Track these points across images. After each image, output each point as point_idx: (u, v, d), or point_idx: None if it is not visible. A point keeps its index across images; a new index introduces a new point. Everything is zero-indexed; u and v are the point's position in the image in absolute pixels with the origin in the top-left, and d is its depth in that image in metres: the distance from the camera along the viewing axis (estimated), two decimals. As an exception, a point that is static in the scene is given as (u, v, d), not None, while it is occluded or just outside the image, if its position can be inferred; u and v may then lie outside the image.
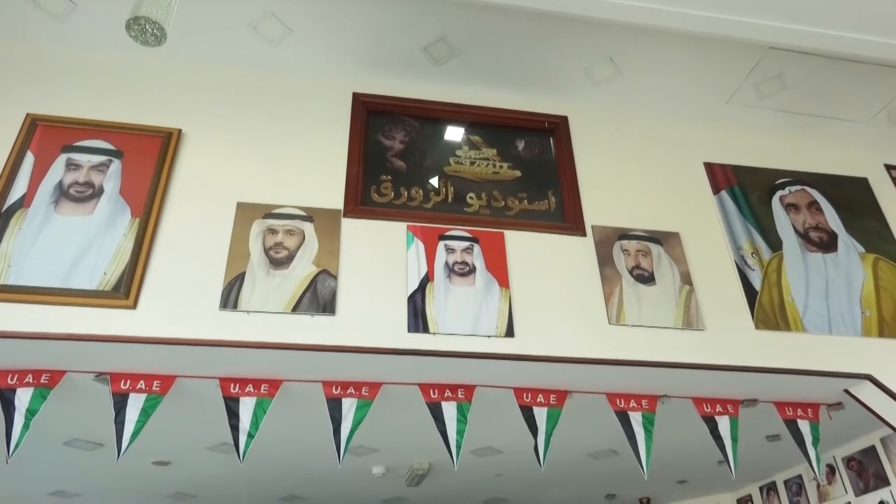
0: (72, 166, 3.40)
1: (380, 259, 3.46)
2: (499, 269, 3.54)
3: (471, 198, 3.85)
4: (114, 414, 3.16)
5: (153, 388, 3.25)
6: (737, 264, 3.86)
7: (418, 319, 3.28)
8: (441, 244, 3.57)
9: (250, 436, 3.25)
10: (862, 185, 4.39)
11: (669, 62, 4.11)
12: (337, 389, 3.43)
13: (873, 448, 4.73)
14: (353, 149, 3.80)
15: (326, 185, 3.64)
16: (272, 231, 3.41)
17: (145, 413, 3.19)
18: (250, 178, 3.57)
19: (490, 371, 3.41)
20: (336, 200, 3.59)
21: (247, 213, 3.44)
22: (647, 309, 3.56)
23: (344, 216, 3.53)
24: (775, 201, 4.18)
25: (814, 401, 3.93)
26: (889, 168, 4.56)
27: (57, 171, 3.37)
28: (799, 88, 4.27)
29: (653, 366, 3.43)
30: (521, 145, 4.17)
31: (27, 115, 3.48)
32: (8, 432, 3.03)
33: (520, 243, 3.67)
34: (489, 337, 3.31)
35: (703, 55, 4.04)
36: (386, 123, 4.05)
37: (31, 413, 3.09)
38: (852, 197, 4.32)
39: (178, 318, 3.06)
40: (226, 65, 3.96)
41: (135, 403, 3.20)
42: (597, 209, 3.89)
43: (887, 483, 4.60)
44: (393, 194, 3.76)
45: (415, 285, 3.39)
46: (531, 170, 4.07)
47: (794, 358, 3.59)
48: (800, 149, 4.51)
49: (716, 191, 4.15)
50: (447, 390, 3.51)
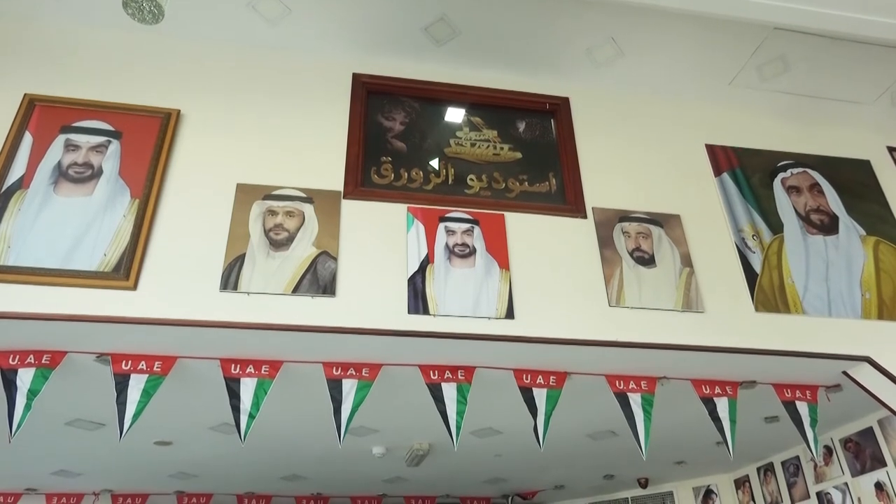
0: (70, 147, 3.38)
1: (380, 241, 3.45)
2: (499, 251, 3.54)
3: (471, 179, 3.84)
4: (115, 394, 3.18)
5: (154, 368, 3.26)
6: (737, 246, 3.85)
7: (418, 301, 3.28)
8: (441, 226, 3.56)
9: (251, 416, 3.27)
10: (864, 168, 4.37)
11: (672, 43, 4.07)
12: (337, 370, 3.45)
13: (870, 430, 4.76)
14: (353, 130, 3.77)
15: (326, 166, 3.62)
16: (272, 212, 3.40)
17: (147, 394, 3.21)
18: (250, 160, 3.55)
19: (490, 352, 3.42)
20: (336, 182, 3.58)
21: (246, 194, 3.42)
22: (647, 291, 3.56)
23: (344, 197, 3.52)
24: (777, 184, 4.16)
25: (812, 383, 3.95)
26: (891, 150, 4.54)
27: (56, 152, 3.36)
28: (802, 70, 4.24)
29: (652, 347, 3.44)
30: (521, 127, 4.15)
31: (25, 96, 3.46)
32: (10, 412, 3.04)
33: (520, 225, 3.67)
34: (489, 318, 3.31)
35: (705, 36, 4.00)
36: (386, 104, 4.02)
37: (32, 393, 3.11)
38: (854, 179, 4.30)
39: (178, 299, 3.06)
40: (225, 45, 3.93)
41: (136, 384, 3.21)
42: (597, 191, 3.88)
43: (884, 464, 4.64)
44: (393, 176, 3.74)
45: (415, 267, 3.39)
46: (532, 151, 4.05)
47: (794, 340, 3.59)
48: (802, 131, 4.48)
49: (717, 173, 4.13)
50: (447, 371, 3.52)
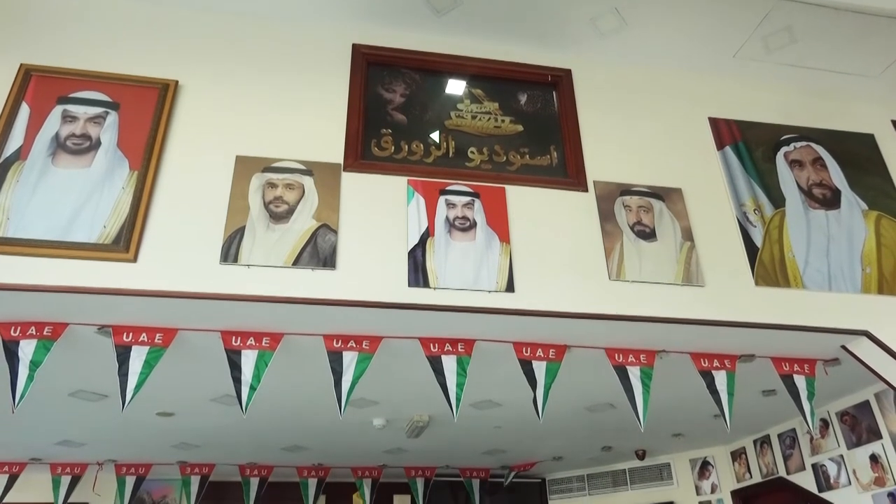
0: (68, 118, 3.35)
1: (380, 214, 3.44)
2: (499, 225, 3.53)
3: (472, 152, 3.82)
4: (117, 366, 3.19)
5: (155, 340, 3.28)
6: (738, 221, 3.84)
7: (419, 274, 3.28)
8: (442, 199, 3.55)
9: (252, 388, 3.29)
10: (868, 142, 4.34)
11: (676, 14, 4.01)
12: (338, 343, 3.46)
13: (867, 403, 4.80)
14: (352, 102, 3.74)
15: (326, 138, 3.59)
16: (272, 185, 3.39)
17: (148, 365, 3.22)
18: (249, 132, 3.52)
19: (490, 325, 3.43)
20: (336, 154, 3.55)
21: (246, 166, 3.40)
22: (648, 264, 3.56)
23: (344, 170, 3.50)
24: (780, 157, 4.13)
25: (811, 356, 3.97)
26: (896, 124, 4.50)
27: (53, 123, 3.33)
28: (808, 42, 4.18)
29: (652, 321, 3.45)
30: (523, 99, 4.11)
31: (21, 66, 3.42)
32: (13, 383, 3.06)
33: (521, 198, 3.65)
34: (489, 292, 3.31)
35: (710, 7, 3.94)
36: (386, 76, 3.98)
37: (34, 365, 3.12)
38: (858, 153, 4.27)
39: (178, 271, 3.06)
40: (223, 15, 3.87)
41: (138, 356, 3.23)
42: (599, 164, 3.86)
43: (879, 437, 4.68)
44: (393, 148, 3.72)
45: (415, 240, 3.38)
46: (533, 124, 4.02)
47: (793, 314, 3.60)
48: (807, 104, 4.44)
49: (720, 146, 4.10)
50: (447, 344, 3.54)
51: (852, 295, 3.73)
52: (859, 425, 4.87)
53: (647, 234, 3.67)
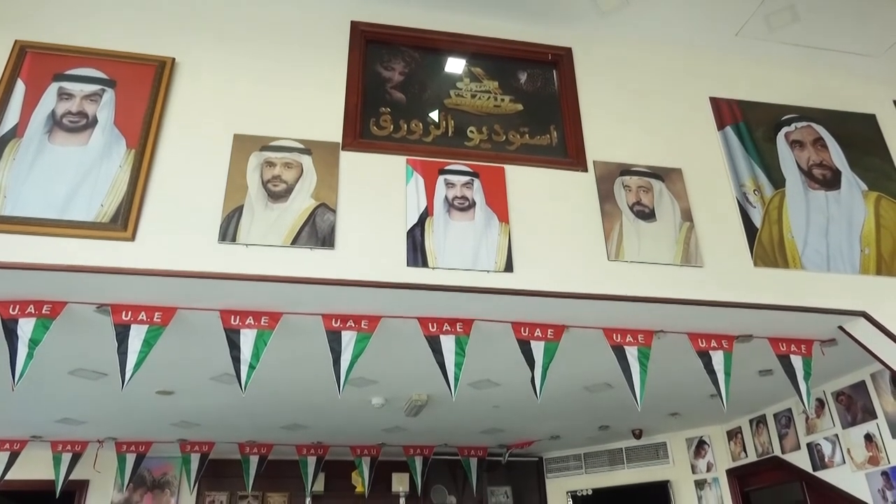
0: (64, 95, 3.33)
1: (379, 193, 3.43)
2: (499, 204, 3.52)
3: (471, 131, 3.79)
4: (116, 344, 3.20)
5: (154, 319, 3.28)
6: (738, 201, 3.83)
7: (417, 254, 3.28)
8: (441, 178, 3.53)
9: (251, 367, 3.31)
10: (869, 122, 4.32)
11: (678, -9, 3.97)
12: (337, 322, 3.46)
13: (863, 383, 4.82)
14: (351, 80, 3.71)
15: (324, 117, 3.57)
16: (270, 164, 3.37)
17: (147, 344, 3.23)
18: (247, 110, 3.50)
19: (488, 305, 3.44)
20: (334, 133, 3.53)
21: (244, 145, 3.38)
22: (647, 245, 3.56)
23: (342, 149, 3.48)
24: (780, 138, 4.11)
25: (808, 337, 3.98)
26: (898, 104, 4.47)
27: (49, 101, 3.30)
28: (811, 21, 4.14)
29: (650, 301, 3.45)
30: (523, 78, 4.08)
31: (16, 42, 3.38)
32: (12, 361, 3.07)
33: (520, 178, 3.64)
34: (488, 272, 3.31)
35: (713, -16, 3.90)
36: (385, 54, 3.94)
37: (34, 343, 3.13)
38: (859, 134, 4.25)
39: (176, 250, 3.06)
40: (219, -10, 3.82)
41: (137, 334, 3.23)
42: (599, 144, 3.84)
43: (874, 416, 4.72)
44: (392, 127, 3.69)
45: (414, 220, 3.37)
46: (533, 103, 3.99)
47: (791, 295, 3.61)
48: (808, 84, 4.41)
49: (720, 126, 4.08)
50: (446, 324, 3.54)
51: (850, 276, 3.74)
52: (855, 405, 4.91)
53: (647, 215, 3.67)
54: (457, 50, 4.05)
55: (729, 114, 4.14)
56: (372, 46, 3.91)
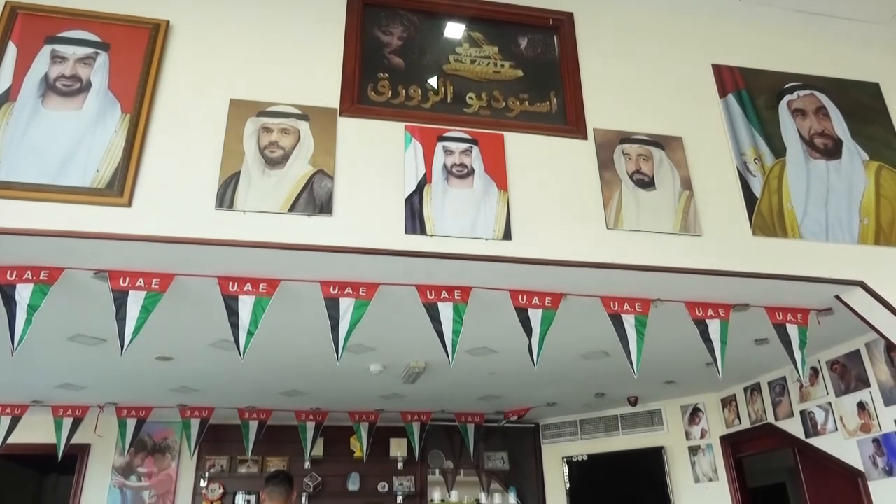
0: (57, 59, 3.27)
1: (377, 160, 3.40)
2: (497, 172, 3.50)
3: (470, 98, 3.75)
4: (115, 310, 3.20)
5: (152, 285, 3.28)
6: (738, 170, 3.81)
7: (415, 221, 3.27)
8: (439, 145, 3.50)
9: (250, 333, 3.32)
10: (873, 91, 4.27)
11: (683, -46, 3.89)
12: (335, 289, 3.47)
13: (857, 352, 4.86)
14: (349, 44, 3.65)
15: (322, 82, 3.52)
16: (267, 130, 3.34)
17: (146, 310, 3.23)
18: (242, 75, 3.45)
19: (487, 273, 3.44)
20: (332, 98, 3.49)
21: (240, 110, 3.34)
22: (646, 213, 3.55)
23: (340, 115, 3.45)
24: (782, 106, 4.07)
25: (804, 306, 4.00)
26: (902, 73, 4.42)
27: (42, 64, 3.25)
28: (816, -15, 4.08)
29: (648, 270, 3.46)
30: (523, 43, 4.01)
31: (7, 3, 3.32)
32: (11, 327, 3.08)
33: (520, 146, 3.61)
34: (486, 239, 3.31)
35: (718, -53, 3.82)
36: (383, 17, 3.87)
37: (32, 308, 3.13)
38: (861, 102, 4.21)
39: (173, 216, 3.04)
40: (213, -50, 3.74)
41: (135, 300, 3.23)
42: (599, 111, 3.80)
43: (867, 385, 4.76)
44: (390, 93, 3.65)
45: (412, 187, 3.35)
46: (533, 69, 3.94)
47: (789, 264, 3.61)
48: (812, 51, 4.35)
49: (722, 94, 4.03)
50: (444, 291, 3.55)
51: (849, 246, 3.74)
52: (849, 374, 4.95)
53: (646, 183, 3.65)
54: (456, 14, 3.98)
55: (731, 81, 4.09)
56: (370, 10, 3.84)
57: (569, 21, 4.05)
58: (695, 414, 6.63)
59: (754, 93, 4.07)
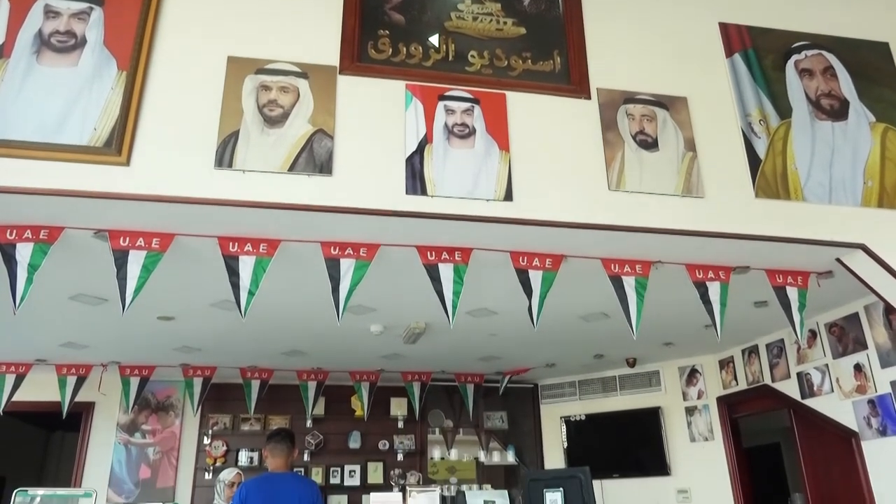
0: (50, 14, 3.21)
1: (377, 119, 3.36)
2: (499, 132, 3.46)
3: (472, 56, 3.68)
4: (115, 270, 3.20)
5: (153, 245, 3.27)
6: (743, 131, 3.76)
7: (416, 181, 3.24)
8: (440, 105, 3.46)
9: (251, 293, 3.32)
10: (882, 50, 4.19)
11: None
12: (335, 250, 3.46)
13: (856, 315, 4.88)
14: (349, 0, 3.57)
15: (321, 39, 3.46)
16: (265, 88, 3.29)
17: (146, 270, 3.24)
18: (240, 31, 3.39)
19: (487, 234, 3.43)
20: (331, 56, 3.43)
21: (238, 68, 3.29)
22: (648, 175, 3.52)
23: (340, 73, 3.39)
24: (790, 66, 4.01)
25: (805, 269, 3.99)
26: (912, 32, 4.33)
27: (35, 19, 3.19)
28: (828, -59, 3.97)
29: (649, 232, 3.45)
30: (526, 0, 3.93)
31: (-3, -45, 3.23)
32: (13, 286, 3.09)
33: (522, 105, 3.56)
34: (487, 200, 3.29)
35: None
36: (383, -28, 3.78)
37: (32, 268, 3.13)
38: (870, 63, 4.14)
39: (172, 175, 3.02)
40: None
41: (135, 260, 3.23)
42: (603, 71, 3.74)
43: (865, 347, 4.79)
44: (391, 51, 3.58)
45: (413, 147, 3.32)
46: (536, 27, 3.86)
47: (791, 226, 3.60)
48: (821, 9, 4.25)
49: (729, 54, 3.96)
50: (444, 252, 3.55)
51: (851, 208, 3.72)
52: (846, 336, 4.98)
53: (650, 144, 3.61)
54: (458, -31, 3.88)
55: (738, 40, 4.01)
56: (370, -36, 3.74)
57: (573, -23, 3.95)
58: (692, 375, 6.69)
59: (761, 52, 4.00)
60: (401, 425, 7.16)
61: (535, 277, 3.63)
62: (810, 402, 5.33)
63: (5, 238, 3.14)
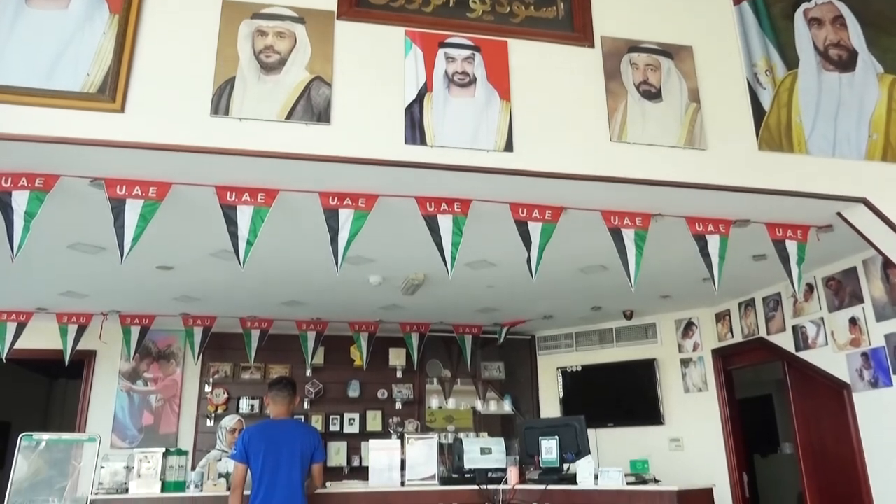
0: (38, -47, 3.10)
1: (376, 67, 3.30)
2: (500, 81, 3.40)
3: (473, 2, 3.58)
4: (113, 218, 3.19)
5: (149, 194, 3.25)
6: (748, 82, 3.70)
7: (415, 131, 3.20)
8: (441, 52, 3.38)
9: (249, 243, 3.32)
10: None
11: None
12: (334, 200, 3.44)
13: (854, 269, 4.89)
14: (346, -59, 3.45)
15: (318, -18, 3.36)
16: (261, 33, 3.21)
17: (144, 218, 3.22)
18: (235, -27, 3.28)
19: (487, 185, 3.40)
20: (329, 0, 3.33)
21: (233, 12, 3.21)
22: (651, 126, 3.47)
23: (338, 18, 3.31)
24: (798, 15, 3.91)
25: (805, 223, 3.98)
26: (926, -20, 4.22)
27: (22, -41, 3.08)
28: None
29: (650, 184, 3.42)
30: (530, -57, 3.80)
31: None
32: (10, 234, 3.08)
33: (524, 53, 3.49)
34: (487, 151, 3.25)
35: None
36: (382, -88, 3.64)
37: (29, 216, 3.11)
38: (881, 12, 4.04)
39: (168, 123, 2.98)
40: None
41: (132, 209, 3.21)
42: (608, 18, 3.65)
43: (861, 301, 4.82)
44: (390, -5, 3.48)
45: (412, 95, 3.26)
46: (540, -29, 3.74)
47: (793, 179, 3.58)
48: (834, -45, 4.14)
49: (737, 1, 3.86)
50: (444, 203, 3.53)
51: (854, 162, 3.69)
52: (843, 290, 5.00)
53: (653, 95, 3.55)
54: None
55: (747, -13, 3.90)
56: None
57: (579, -82, 3.82)
58: (688, 328, 6.75)
59: (770, 0, 3.89)
60: (399, 375, 7.26)
61: (535, 229, 3.62)
62: (804, 355, 5.38)
63: (1, 186, 3.11)
